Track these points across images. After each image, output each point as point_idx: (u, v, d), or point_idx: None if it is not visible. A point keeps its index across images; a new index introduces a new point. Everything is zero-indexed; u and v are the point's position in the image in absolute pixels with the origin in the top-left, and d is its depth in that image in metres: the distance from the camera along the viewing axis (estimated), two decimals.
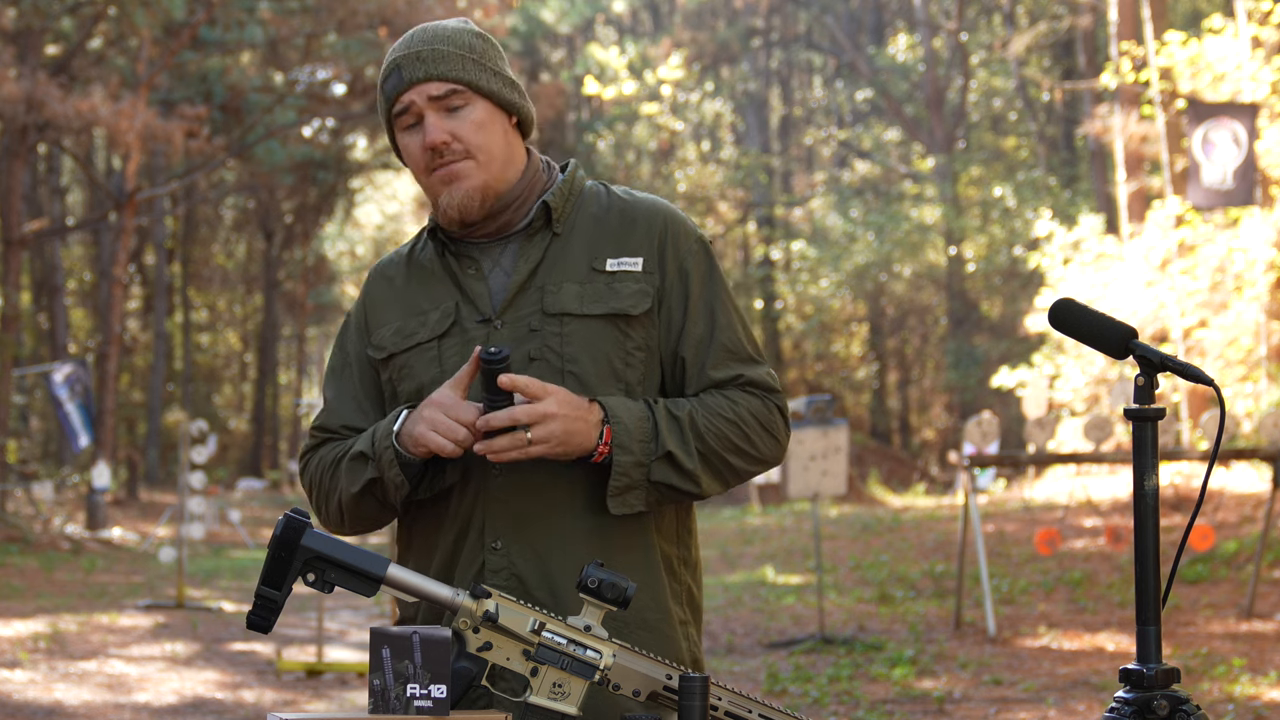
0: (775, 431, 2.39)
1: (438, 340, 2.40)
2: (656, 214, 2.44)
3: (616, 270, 2.38)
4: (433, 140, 2.35)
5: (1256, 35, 16.17)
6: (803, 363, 38.43)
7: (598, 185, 2.50)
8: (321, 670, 9.05)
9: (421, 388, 2.38)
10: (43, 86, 19.44)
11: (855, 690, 8.14)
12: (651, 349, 2.39)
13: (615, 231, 2.42)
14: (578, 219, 2.43)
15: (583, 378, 2.33)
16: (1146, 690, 2.04)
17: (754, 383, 2.39)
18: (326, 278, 41.04)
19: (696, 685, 2.00)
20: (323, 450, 2.47)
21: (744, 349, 2.42)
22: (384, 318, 2.47)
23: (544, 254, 2.40)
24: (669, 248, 2.41)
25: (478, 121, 2.38)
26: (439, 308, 2.42)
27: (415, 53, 2.38)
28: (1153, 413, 2.05)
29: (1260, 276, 15.62)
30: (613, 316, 2.36)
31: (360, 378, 2.50)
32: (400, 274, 2.50)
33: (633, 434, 2.27)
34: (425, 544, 2.40)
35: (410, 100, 2.37)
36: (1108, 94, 21.05)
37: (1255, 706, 7.32)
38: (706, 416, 2.33)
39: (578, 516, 2.33)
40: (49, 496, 20.93)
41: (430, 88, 2.36)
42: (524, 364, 2.34)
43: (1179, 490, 14.98)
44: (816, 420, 10.54)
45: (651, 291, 2.38)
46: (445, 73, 2.37)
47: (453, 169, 2.36)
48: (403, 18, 23.60)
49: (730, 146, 40.90)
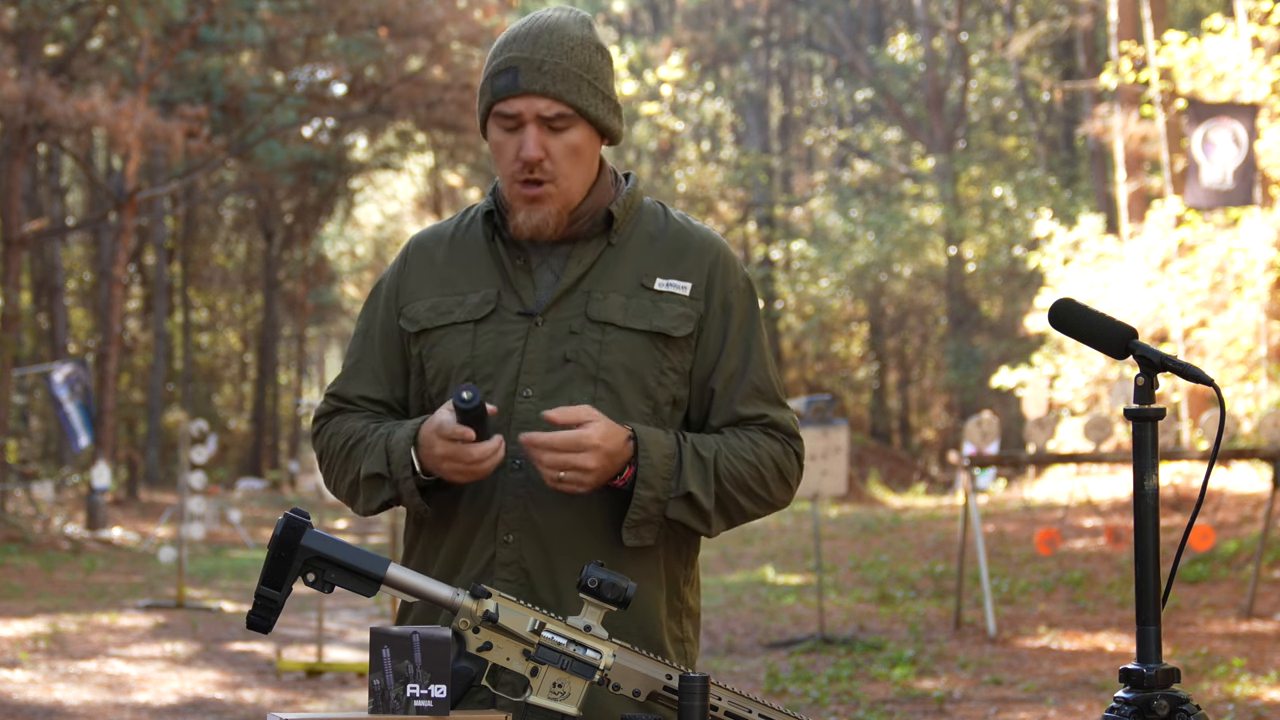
0: (790, 478, 2.43)
1: (474, 324, 2.40)
2: (710, 245, 2.47)
3: (664, 290, 2.40)
4: (530, 156, 2.33)
5: (1256, 35, 16.16)
6: (803, 363, 38.42)
7: (656, 204, 2.51)
8: (321, 670, 9.05)
9: (450, 369, 2.39)
10: (43, 86, 19.43)
11: (855, 690, 8.14)
12: (684, 373, 2.41)
13: (668, 253, 2.44)
14: (634, 233, 2.45)
15: (614, 387, 2.35)
16: (1146, 690, 2.04)
17: (778, 425, 2.42)
18: (326, 278, 41.04)
19: (696, 685, 2.00)
20: (336, 421, 2.47)
21: (772, 390, 2.45)
22: (419, 291, 2.47)
23: (595, 261, 2.41)
24: (718, 280, 2.44)
25: (574, 146, 2.37)
26: (480, 292, 2.42)
27: (539, 61, 2.34)
28: (1153, 413, 2.05)
29: (1260, 276, 15.61)
30: (654, 334, 2.37)
31: (381, 347, 2.49)
32: (442, 250, 2.49)
33: (657, 470, 2.29)
34: (437, 531, 2.40)
35: (518, 109, 2.35)
36: (1108, 94, 21.04)
37: (1255, 706, 7.33)
38: (729, 459, 2.35)
39: (592, 523, 2.34)
40: (49, 496, 20.92)
41: (542, 105, 2.34)
42: (559, 364, 2.36)
43: (1179, 490, 14.98)
44: (816, 420, 10.54)
45: (695, 317, 2.40)
46: (562, 94, 2.34)
47: (537, 192, 2.36)
48: (403, 18, 23.60)
49: (730, 146, 40.89)
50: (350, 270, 45.49)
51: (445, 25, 24.15)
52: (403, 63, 25.84)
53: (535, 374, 2.36)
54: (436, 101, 25.36)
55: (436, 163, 38.35)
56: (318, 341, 49.98)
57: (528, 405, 2.35)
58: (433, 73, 25.76)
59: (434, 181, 39.43)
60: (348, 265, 45.55)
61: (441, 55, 25.04)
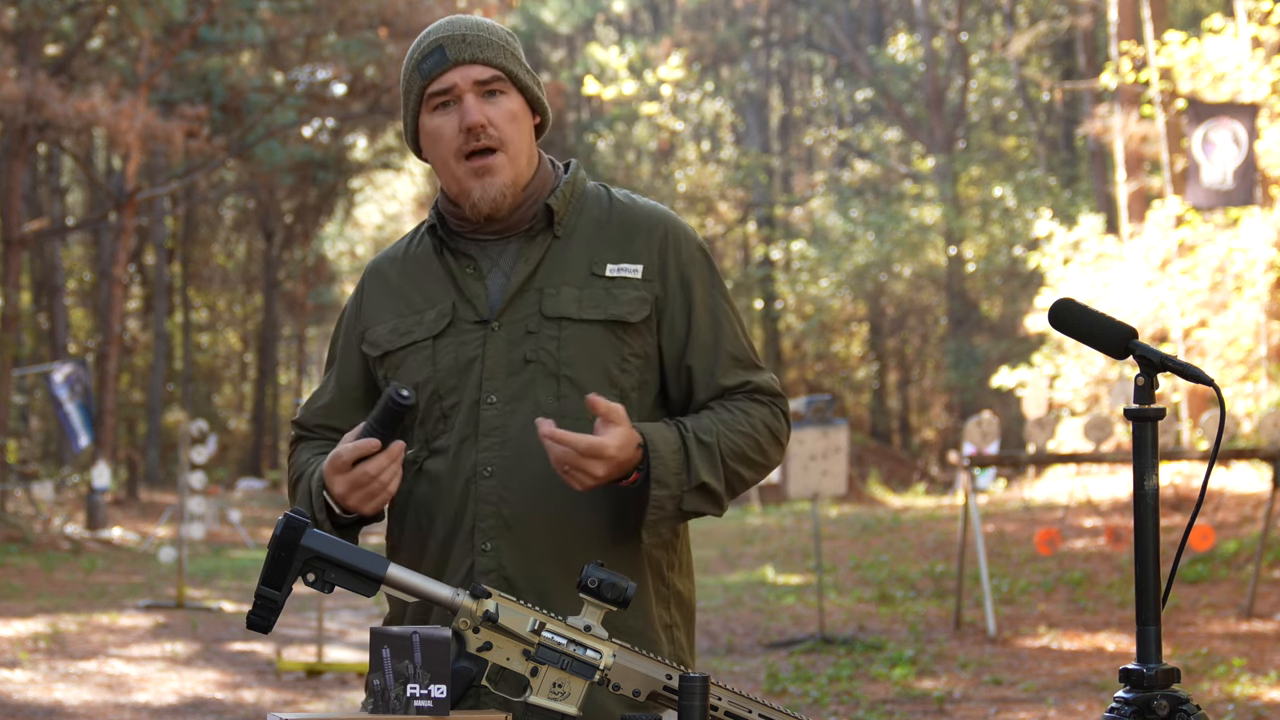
0: (781, 438, 2.42)
1: (433, 340, 2.39)
2: (658, 222, 2.44)
3: (616, 276, 2.38)
4: (474, 120, 2.33)
5: (1256, 35, 16.16)
6: (803, 363, 38.42)
7: (599, 188, 2.49)
8: (321, 670, 9.04)
9: (415, 386, 2.38)
10: (43, 86, 19.43)
11: (855, 690, 8.14)
12: (649, 356, 2.39)
13: (616, 237, 2.41)
14: (579, 222, 2.42)
15: (578, 382, 2.34)
16: (1146, 690, 2.04)
17: (761, 389, 2.42)
18: (326, 278, 41.04)
19: (696, 685, 1.99)
20: (298, 450, 2.51)
21: (748, 356, 2.44)
22: (379, 315, 2.46)
23: (543, 256, 2.39)
24: (670, 256, 2.41)
25: (512, 113, 2.37)
26: (435, 307, 2.41)
27: (461, 35, 2.36)
28: (1153, 413, 2.05)
29: (1260, 276, 15.61)
30: (610, 323, 2.36)
31: (340, 375, 2.51)
32: (396, 271, 2.49)
33: (669, 467, 2.28)
34: (414, 545, 2.40)
35: (453, 81, 2.35)
36: (1108, 94, 21.04)
37: (1255, 706, 7.32)
38: (729, 436, 2.35)
39: (568, 520, 2.33)
40: (49, 496, 20.92)
41: (475, 71, 2.35)
42: (520, 366, 2.35)
43: (1179, 490, 14.98)
44: (816, 420, 10.54)
45: (650, 299, 2.38)
46: (491, 58, 2.36)
47: (487, 162, 2.35)
48: (403, 18, 23.60)
49: (730, 146, 40.89)
50: (350, 270, 45.46)
51: None
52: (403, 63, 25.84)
53: (497, 379, 2.35)
54: None
55: None
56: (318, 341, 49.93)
57: (493, 411, 2.34)
58: None
59: (434, 181, 39.41)
60: (348, 265, 45.53)
61: None
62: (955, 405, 34.20)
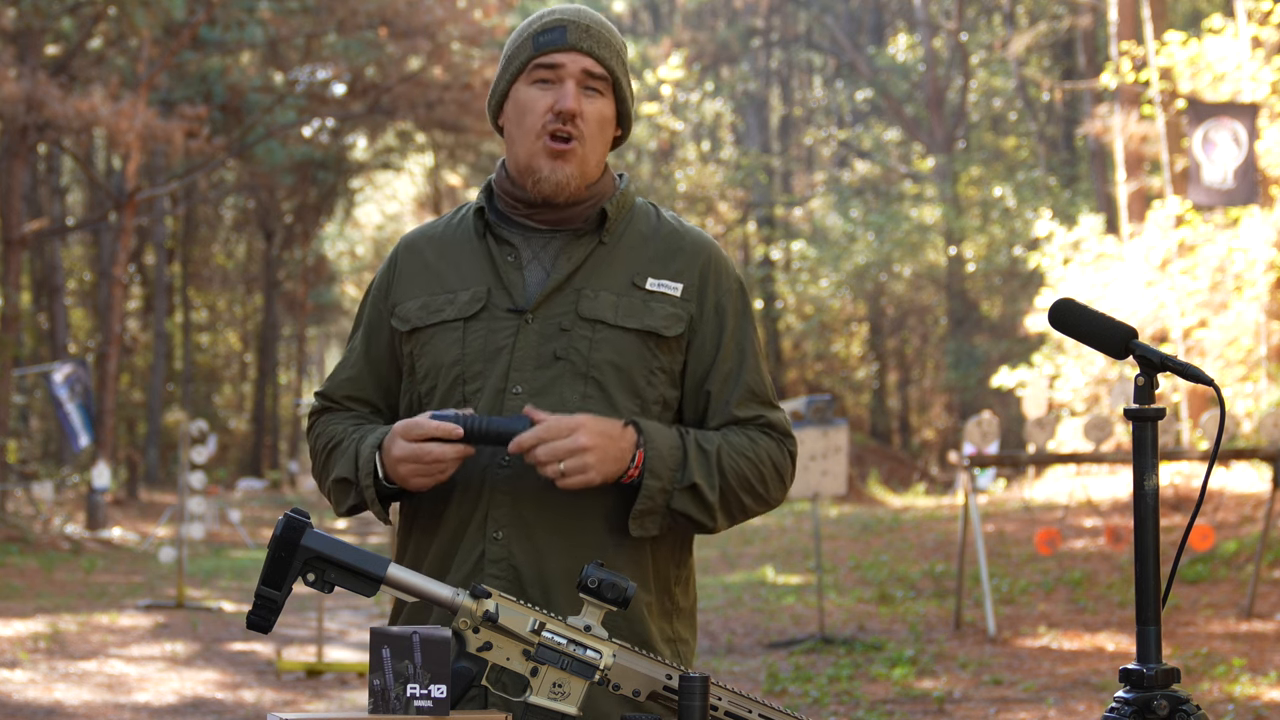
0: (785, 476, 2.44)
1: (464, 322, 2.40)
2: (702, 247, 2.47)
3: (656, 290, 2.41)
4: (569, 106, 2.36)
5: (1256, 35, 16.16)
6: (803, 363, 38.42)
7: (647, 204, 2.52)
8: (321, 670, 9.05)
9: (440, 367, 2.40)
10: (43, 86, 19.43)
11: (855, 690, 8.14)
12: (673, 373, 2.42)
13: (660, 253, 2.44)
14: (626, 233, 2.46)
15: (604, 385, 2.36)
16: (1146, 690, 2.04)
17: (773, 425, 2.44)
18: (326, 278, 41.06)
19: (696, 685, 1.99)
20: (323, 421, 2.52)
21: (765, 393, 2.46)
22: (411, 290, 2.47)
23: (587, 257, 2.41)
24: (710, 282, 2.45)
25: (603, 115, 2.41)
26: (470, 289, 2.42)
27: (585, 25, 2.40)
28: (1153, 413, 2.05)
29: (1260, 276, 15.61)
30: (645, 333, 2.38)
31: (366, 348, 2.52)
32: (432, 248, 2.50)
33: (665, 461, 2.30)
34: (427, 529, 2.41)
35: (563, 62, 2.38)
36: (1108, 94, 21.04)
37: (1255, 706, 7.33)
38: (731, 454, 2.36)
39: (581, 520, 2.34)
40: (49, 496, 20.92)
41: (587, 62, 2.39)
42: (549, 361, 2.36)
43: (1179, 490, 14.98)
44: (816, 420, 10.54)
45: (685, 318, 2.41)
46: (606, 58, 2.40)
47: (565, 147, 2.38)
48: (403, 18, 23.61)
49: (730, 146, 40.90)
50: (350, 270, 45.49)
51: (445, 25, 24.16)
52: (403, 63, 25.85)
53: (525, 371, 2.36)
54: (436, 101, 25.37)
55: (436, 163, 38.37)
56: (318, 341, 49.96)
57: (517, 402, 2.35)
58: (433, 73, 25.76)
59: (434, 181, 39.44)
60: (348, 265, 45.55)
61: (441, 55, 25.04)
62: (955, 405, 34.20)
